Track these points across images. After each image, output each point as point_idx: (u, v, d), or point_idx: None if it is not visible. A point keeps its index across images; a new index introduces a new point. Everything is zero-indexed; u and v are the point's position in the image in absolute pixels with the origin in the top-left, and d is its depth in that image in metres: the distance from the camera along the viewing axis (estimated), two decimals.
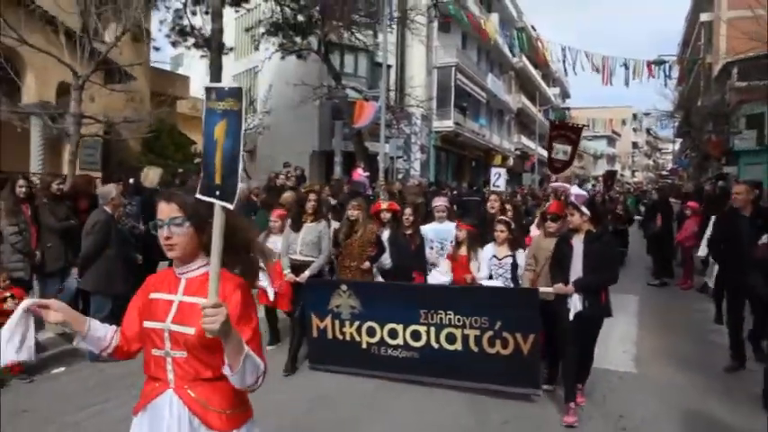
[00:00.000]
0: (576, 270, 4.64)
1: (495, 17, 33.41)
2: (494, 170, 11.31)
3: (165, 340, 2.01)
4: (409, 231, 6.42)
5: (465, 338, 5.22)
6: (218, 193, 1.75)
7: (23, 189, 6.10)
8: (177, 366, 2.01)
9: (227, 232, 1.81)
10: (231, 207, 1.74)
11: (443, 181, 23.23)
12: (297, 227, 6.10)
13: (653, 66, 19.63)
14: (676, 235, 11.31)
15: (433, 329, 5.34)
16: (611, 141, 76.81)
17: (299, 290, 5.96)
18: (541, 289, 5.02)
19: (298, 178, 12.10)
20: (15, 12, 12.34)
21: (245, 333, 1.92)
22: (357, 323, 5.60)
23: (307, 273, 5.91)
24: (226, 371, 1.85)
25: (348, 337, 5.64)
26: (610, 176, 16.21)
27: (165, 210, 1.99)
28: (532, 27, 41.53)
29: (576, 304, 4.60)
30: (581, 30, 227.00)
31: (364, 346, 5.58)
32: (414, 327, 5.41)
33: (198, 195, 1.80)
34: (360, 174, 11.98)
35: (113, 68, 14.77)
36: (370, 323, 5.56)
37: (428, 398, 5.14)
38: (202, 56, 19.91)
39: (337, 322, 5.66)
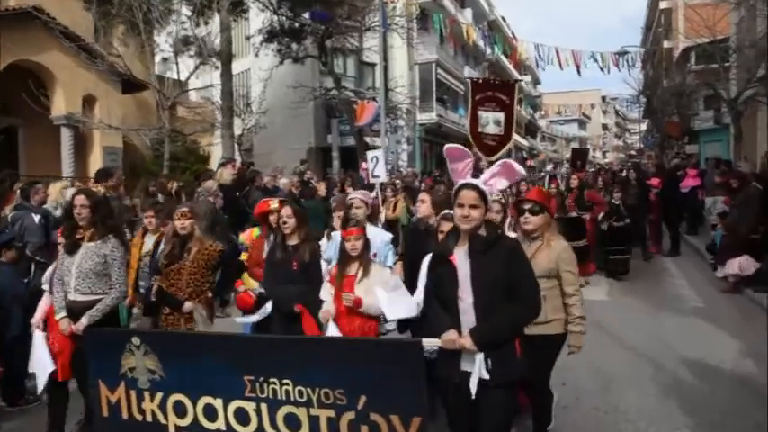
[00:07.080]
0: (467, 304, 2.96)
1: (468, 12, 35.33)
2: (369, 154, 8.63)
3: None
4: (293, 242, 4.40)
5: (314, 423, 3.27)
6: None
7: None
8: None
9: None
10: None
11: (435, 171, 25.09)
12: (71, 247, 4.17)
13: (618, 56, 21.67)
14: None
15: (264, 407, 3.39)
16: (581, 125, 79.48)
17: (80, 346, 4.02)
18: (425, 341, 3.05)
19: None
20: (35, 28, 13.96)
21: None
22: (160, 395, 3.66)
23: (84, 320, 4.10)
24: None
25: (150, 417, 3.68)
26: (579, 155, 13.92)
27: None
28: (503, 18, 43.45)
29: (478, 367, 2.92)
30: (551, 14, 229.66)
31: (172, 430, 3.62)
32: (237, 403, 3.46)
33: None
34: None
35: (129, 80, 16.50)
36: (176, 396, 3.62)
37: None
38: (202, 63, 21.58)
39: (133, 394, 3.71)
